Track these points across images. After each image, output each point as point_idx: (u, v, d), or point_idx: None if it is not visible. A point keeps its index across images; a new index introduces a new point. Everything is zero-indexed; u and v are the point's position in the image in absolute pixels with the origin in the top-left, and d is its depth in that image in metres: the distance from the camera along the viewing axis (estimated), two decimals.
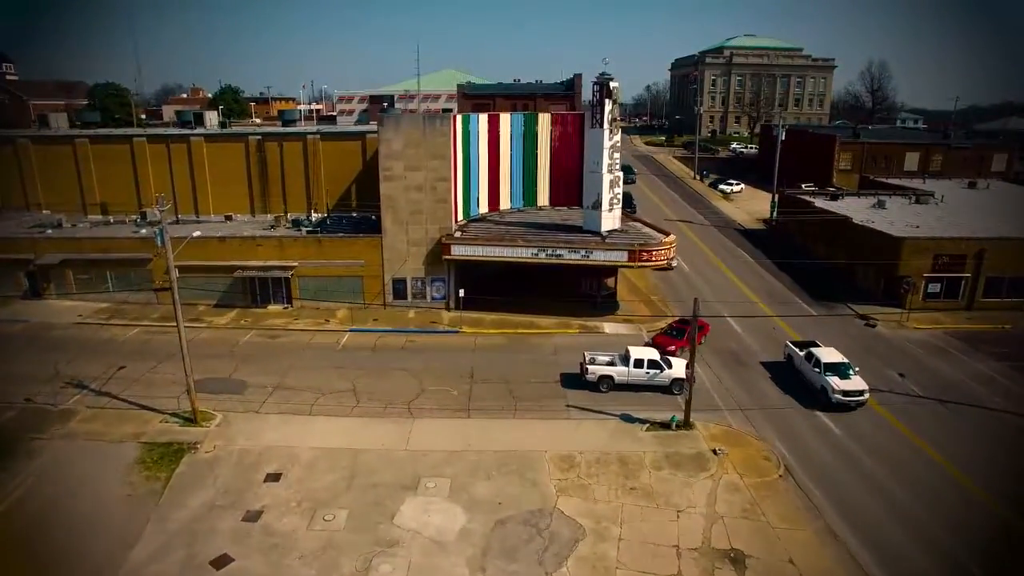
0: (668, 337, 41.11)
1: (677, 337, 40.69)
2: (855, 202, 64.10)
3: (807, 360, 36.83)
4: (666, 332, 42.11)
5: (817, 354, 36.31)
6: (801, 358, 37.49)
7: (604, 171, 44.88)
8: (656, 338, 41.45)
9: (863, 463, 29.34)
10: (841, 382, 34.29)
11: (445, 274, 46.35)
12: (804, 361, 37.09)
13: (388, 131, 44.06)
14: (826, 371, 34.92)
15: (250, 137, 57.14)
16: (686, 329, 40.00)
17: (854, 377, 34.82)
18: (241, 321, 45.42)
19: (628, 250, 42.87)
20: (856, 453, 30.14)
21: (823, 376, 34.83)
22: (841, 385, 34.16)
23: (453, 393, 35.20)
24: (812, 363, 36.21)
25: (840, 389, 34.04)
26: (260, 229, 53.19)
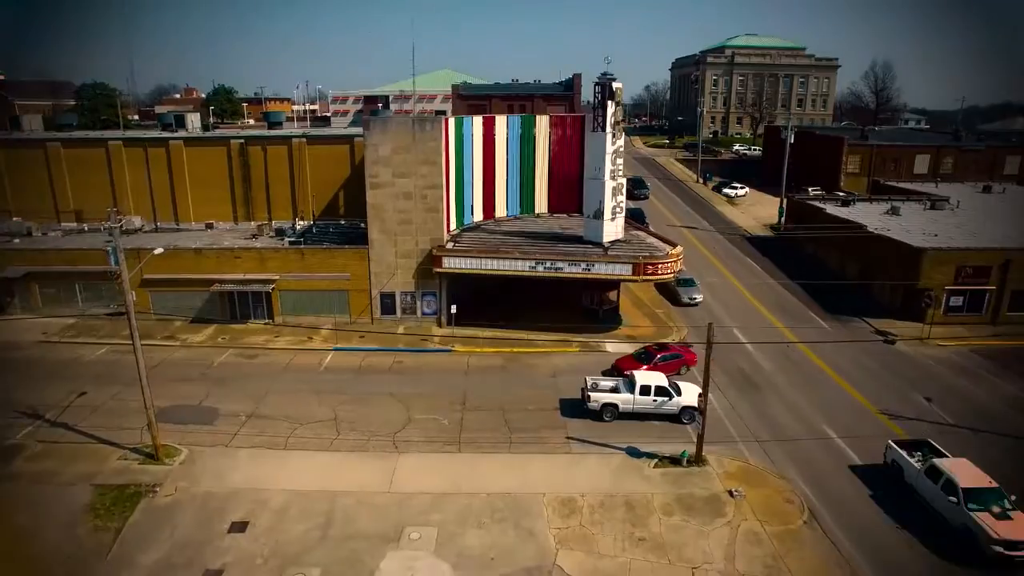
0: (634, 361, 37.25)
1: (642, 362, 37.02)
2: (867, 208, 61.30)
3: (930, 478, 25.81)
4: (634, 355, 38.21)
5: (947, 471, 25.21)
6: (918, 472, 26.46)
7: (606, 178, 41.97)
8: (619, 361, 37.95)
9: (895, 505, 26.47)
10: (999, 524, 23.04)
11: (436, 288, 43.43)
12: (924, 478, 26.09)
13: (375, 135, 41.13)
14: (968, 501, 23.98)
15: (232, 141, 54.21)
16: (655, 354, 37.45)
17: (1016, 514, 23.56)
18: (218, 339, 42.44)
19: (632, 263, 39.97)
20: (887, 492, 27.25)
21: (965, 510, 23.84)
22: (1002, 531, 22.76)
23: (443, 423, 32.28)
24: (940, 484, 25.18)
25: (1002, 538, 22.57)
26: (242, 238, 50.39)
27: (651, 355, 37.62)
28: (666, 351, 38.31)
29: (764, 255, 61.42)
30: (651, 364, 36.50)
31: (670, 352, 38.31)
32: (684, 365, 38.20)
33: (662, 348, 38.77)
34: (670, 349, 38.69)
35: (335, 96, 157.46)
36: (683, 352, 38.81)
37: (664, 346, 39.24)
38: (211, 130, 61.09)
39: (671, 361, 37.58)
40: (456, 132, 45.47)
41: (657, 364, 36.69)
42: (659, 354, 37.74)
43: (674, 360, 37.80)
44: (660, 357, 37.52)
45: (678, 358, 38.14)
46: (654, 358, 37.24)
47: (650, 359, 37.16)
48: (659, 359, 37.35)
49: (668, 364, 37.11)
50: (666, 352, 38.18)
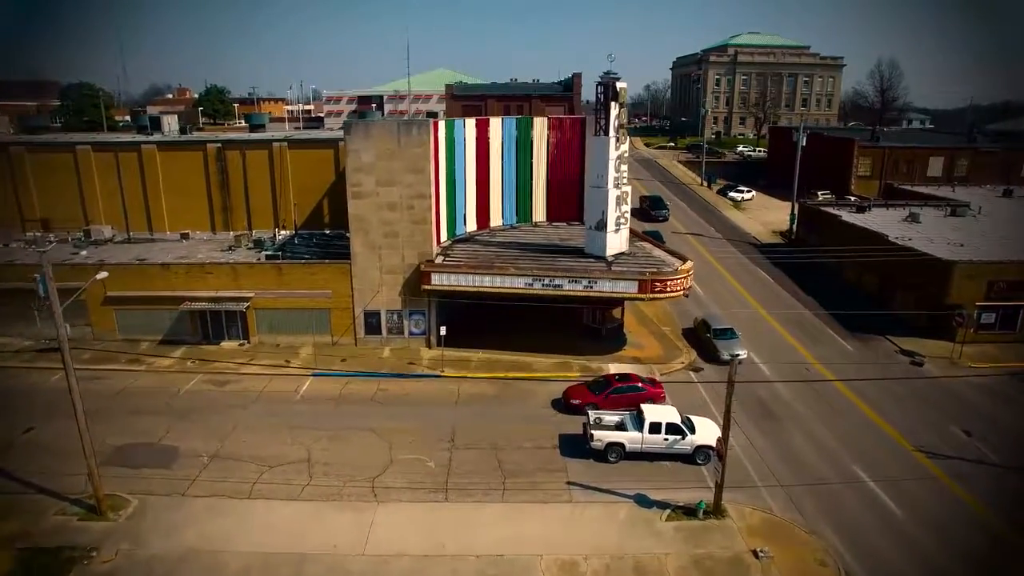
0: (588, 392, 33.33)
1: (596, 392, 33.13)
2: (884, 215, 57.87)
3: None
4: (588, 385, 34.21)
5: None
6: None
7: (610, 185, 38.57)
8: (570, 390, 34.01)
9: (938, 561, 23.12)
10: None
11: (425, 306, 39.98)
12: None
13: (356, 140, 37.66)
14: None
15: (209, 145, 50.69)
16: (612, 384, 33.32)
17: None
18: (187, 362, 38.95)
19: (638, 280, 36.53)
20: (930, 549, 23.89)
21: None
22: None
23: (429, 464, 28.83)
24: None
25: None
26: (219, 249, 46.98)
27: (606, 384, 33.62)
28: (625, 382, 33.67)
29: (775, 265, 57.98)
30: (603, 396, 32.63)
31: (630, 384, 33.54)
32: (646, 399, 32.66)
33: (622, 379, 34.04)
34: (631, 380, 33.92)
35: (329, 96, 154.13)
36: (647, 386, 33.71)
37: (624, 377, 34.44)
38: (188, 133, 57.51)
39: (629, 394, 32.82)
40: (447, 136, 42.05)
41: (610, 397, 32.64)
42: (615, 385, 33.33)
43: (633, 393, 32.88)
44: (615, 389, 32.99)
45: (638, 391, 33.12)
46: (608, 387, 33.24)
47: (603, 389, 33.21)
48: (613, 391, 32.96)
49: (624, 397, 32.57)
50: (624, 384, 33.47)
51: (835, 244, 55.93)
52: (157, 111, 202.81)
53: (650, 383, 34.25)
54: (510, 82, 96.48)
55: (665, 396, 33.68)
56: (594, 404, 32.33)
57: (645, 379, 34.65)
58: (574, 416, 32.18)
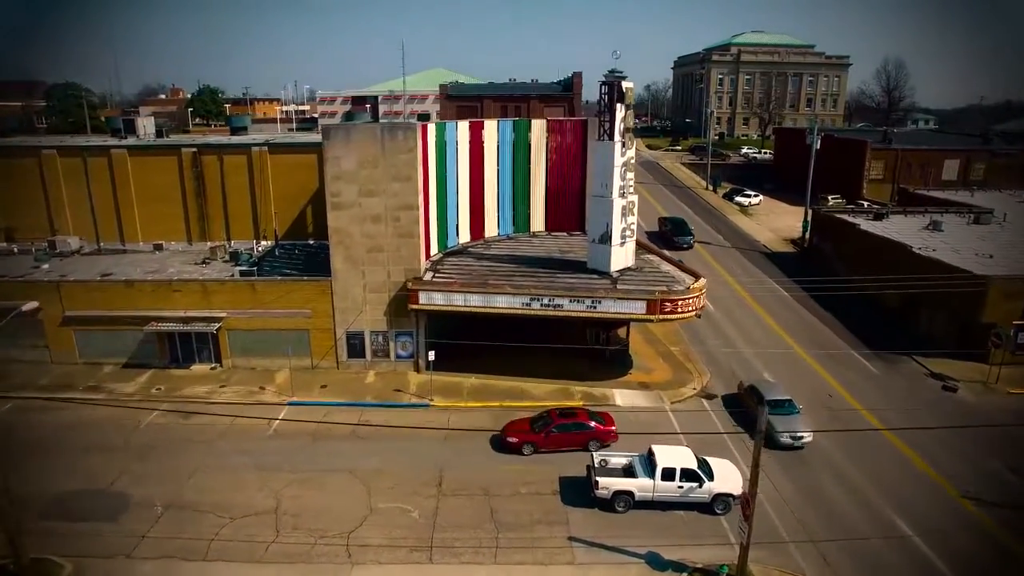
0: (529, 429, 29.68)
1: (536, 430, 29.56)
2: (902, 222, 54.53)
3: None
4: (531, 421, 30.32)
5: None
6: None
7: (615, 195, 35.25)
8: (509, 427, 30.29)
9: None
10: None
11: (413, 327, 36.61)
12: None
13: (336, 146, 34.28)
14: None
15: (183, 149, 47.28)
16: (553, 421, 29.58)
17: None
18: (152, 389, 35.56)
19: (646, 299, 33.16)
20: None
21: None
22: None
23: (412, 514, 25.45)
24: None
25: None
26: (192, 262, 43.67)
27: (546, 420, 29.84)
28: (569, 418, 29.85)
29: (788, 276, 54.59)
30: (543, 435, 29.15)
31: (574, 421, 29.71)
32: (594, 440, 29.33)
33: (565, 414, 30.25)
34: (577, 416, 30.07)
35: (323, 96, 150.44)
36: (596, 424, 29.65)
37: (568, 412, 30.53)
38: (165, 136, 54.11)
39: (573, 433, 29.25)
40: (437, 140, 38.72)
41: (551, 436, 29.08)
42: (557, 422, 29.52)
43: (577, 432, 29.23)
44: (557, 427, 29.23)
45: (584, 430, 29.31)
46: (549, 425, 29.45)
47: (544, 426, 29.52)
48: (555, 429, 29.19)
49: (568, 437, 29.18)
50: (568, 420, 29.67)
51: (852, 254, 52.72)
52: (150, 111, 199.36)
53: (599, 420, 30.07)
54: (508, 82, 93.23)
55: (616, 435, 29.67)
56: (532, 443, 29.15)
57: (595, 414, 30.52)
58: (555, 458, 28.92)
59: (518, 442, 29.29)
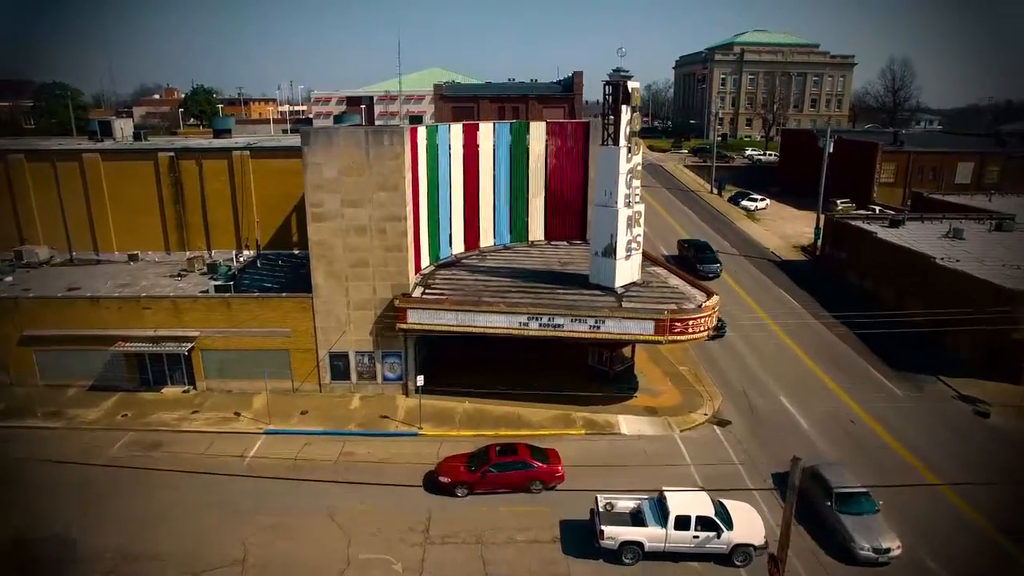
0: (465, 467, 26.78)
1: (472, 468, 26.64)
2: (920, 229, 51.84)
3: None
4: (468, 458, 27.38)
5: None
6: None
7: (620, 204, 32.51)
8: (444, 463, 27.48)
9: None
10: None
11: (401, 347, 33.85)
12: None
13: (316, 152, 31.51)
14: None
15: (160, 154, 44.53)
16: (491, 459, 26.65)
17: None
18: (119, 415, 32.80)
19: (654, 319, 30.41)
20: None
21: None
22: None
23: (395, 567, 22.72)
24: None
25: None
26: (168, 275, 40.96)
27: (482, 458, 26.99)
28: (508, 456, 26.79)
29: (800, 286, 51.91)
30: (479, 475, 26.31)
31: (514, 459, 26.64)
32: (535, 480, 26.45)
33: (505, 451, 27.08)
34: (518, 454, 26.92)
35: (318, 97, 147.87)
36: (539, 463, 26.61)
37: (509, 449, 27.33)
38: (143, 139, 51.34)
39: (511, 473, 26.33)
40: (428, 144, 35.97)
41: (487, 476, 26.23)
42: (494, 460, 26.56)
43: (517, 472, 26.36)
44: (495, 466, 26.34)
45: (525, 470, 26.43)
46: (486, 463, 26.56)
47: (480, 464, 26.68)
48: (492, 469, 26.31)
49: (506, 477, 26.31)
50: (507, 459, 26.64)
51: (868, 264, 50.05)
52: (143, 112, 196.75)
53: (544, 458, 26.99)
54: (509, 82, 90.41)
55: (563, 476, 26.75)
56: (467, 484, 26.31)
57: (539, 451, 27.47)
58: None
59: (450, 483, 26.38)
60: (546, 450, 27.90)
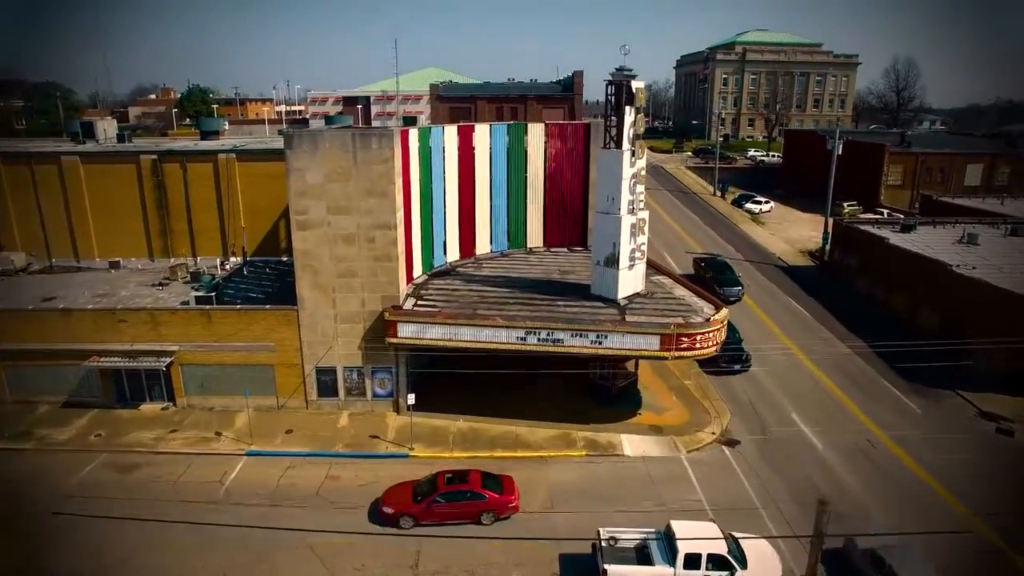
0: (408, 496, 24.98)
1: (415, 498, 24.78)
2: (932, 234, 50.05)
3: None
4: (415, 486, 25.45)
5: None
6: None
7: (623, 211, 30.69)
8: (389, 491, 25.56)
9: None
10: None
11: (391, 362, 32.03)
12: None
13: (300, 156, 29.66)
14: None
15: (142, 156, 42.71)
16: (438, 489, 24.72)
17: None
18: (91, 435, 30.95)
19: (660, 334, 28.58)
20: None
21: None
22: None
23: None
24: None
25: None
26: (149, 283, 39.18)
27: (429, 488, 25.10)
28: (457, 486, 24.92)
29: (809, 293, 50.08)
30: (424, 506, 24.46)
31: (463, 489, 24.79)
32: (487, 511, 24.63)
33: (455, 480, 25.21)
34: (468, 483, 25.02)
35: (314, 97, 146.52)
36: (491, 494, 24.72)
37: (459, 477, 25.40)
38: (127, 141, 49.52)
39: (460, 504, 24.52)
40: (421, 147, 34.16)
41: (432, 507, 24.38)
42: (441, 489, 24.75)
43: (467, 503, 24.53)
44: (443, 495, 24.55)
45: (475, 500, 24.58)
46: (433, 492, 24.69)
47: (427, 494, 24.76)
48: (439, 499, 24.50)
49: (454, 508, 24.50)
50: (456, 488, 24.84)
51: (879, 270, 48.25)
52: (138, 111, 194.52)
53: (497, 487, 25.14)
54: (509, 82, 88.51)
55: (517, 506, 24.97)
56: (412, 515, 24.45)
57: (492, 479, 25.57)
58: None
59: (394, 513, 24.50)
60: (501, 477, 25.90)
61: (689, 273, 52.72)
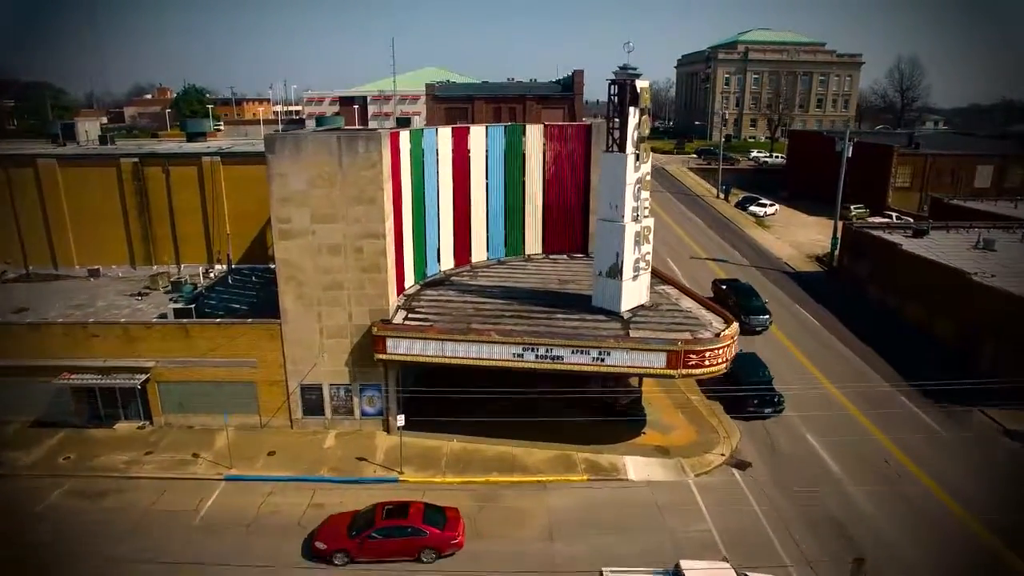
0: (343, 529, 23.03)
1: (350, 533, 22.81)
2: (946, 239, 48.31)
3: None
4: (353, 519, 23.54)
5: None
6: None
7: (627, 218, 28.85)
8: (324, 525, 23.69)
9: None
10: None
11: (381, 379, 30.16)
12: None
13: (282, 161, 27.78)
14: None
15: (122, 160, 40.87)
16: (375, 523, 22.78)
17: None
18: (60, 457, 29.08)
19: (667, 351, 26.73)
20: None
21: None
22: None
23: None
24: None
25: None
26: (128, 293, 37.34)
27: (366, 521, 23.13)
28: (396, 520, 22.95)
29: (818, 301, 48.22)
30: (357, 542, 22.52)
31: (401, 524, 22.78)
32: (428, 548, 22.67)
33: (394, 513, 23.23)
34: (408, 516, 23.05)
35: (310, 97, 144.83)
36: (432, 531, 22.70)
37: (398, 510, 23.41)
38: (111, 143, 47.63)
39: (398, 540, 22.53)
40: (412, 150, 32.35)
41: (367, 543, 22.41)
42: (378, 524, 22.77)
43: (404, 538, 22.54)
44: (379, 531, 22.56)
45: (414, 536, 22.55)
46: (368, 531, 22.70)
47: (363, 528, 22.81)
48: (375, 534, 22.50)
49: (391, 544, 22.51)
50: (394, 522, 22.84)
51: (891, 278, 46.42)
52: (134, 111, 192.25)
53: (439, 522, 23.20)
54: (504, 82, 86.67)
55: (462, 543, 23.10)
56: (346, 551, 22.46)
57: (435, 512, 23.71)
58: None
59: (327, 550, 22.63)
60: (445, 510, 23.98)
61: (708, 296, 47.50)
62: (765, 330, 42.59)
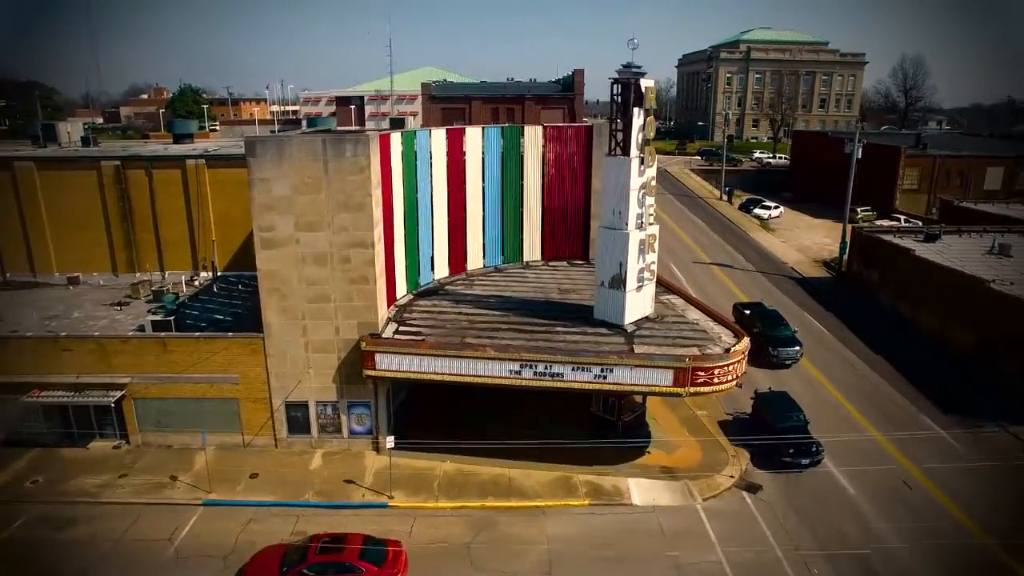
0: (275, 565, 21.36)
1: (282, 571, 21.05)
2: (958, 243, 46.71)
3: None
4: (285, 554, 21.78)
5: None
6: None
7: (631, 226, 27.18)
8: (256, 558, 22.07)
9: None
10: None
11: (370, 396, 28.47)
12: None
13: (264, 165, 26.08)
14: None
15: (103, 163, 39.20)
16: (307, 558, 21.15)
17: None
18: (29, 480, 27.37)
19: (674, 368, 25.06)
20: None
21: None
22: None
23: None
24: None
25: None
26: (108, 302, 35.67)
27: (303, 559, 21.35)
28: (332, 555, 21.37)
29: (826, 308, 46.56)
30: None
31: (337, 560, 21.22)
32: None
33: (328, 547, 21.57)
34: (344, 551, 21.45)
35: (307, 96, 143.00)
36: (369, 568, 21.03)
37: (332, 544, 21.78)
38: (93, 145, 45.96)
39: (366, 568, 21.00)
40: (404, 153, 30.68)
41: None
42: (311, 560, 21.18)
43: (339, 575, 20.99)
44: (311, 567, 20.96)
45: (350, 573, 20.93)
46: (299, 567, 21.06)
47: (296, 566, 21.10)
48: (306, 571, 20.89)
49: None
50: (327, 559, 21.26)
51: (903, 284, 44.77)
52: (130, 111, 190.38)
53: (378, 558, 21.41)
54: (503, 81, 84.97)
55: None
56: None
57: (374, 545, 22.08)
58: None
59: None
60: (387, 544, 22.23)
61: None
62: (795, 363, 37.43)
